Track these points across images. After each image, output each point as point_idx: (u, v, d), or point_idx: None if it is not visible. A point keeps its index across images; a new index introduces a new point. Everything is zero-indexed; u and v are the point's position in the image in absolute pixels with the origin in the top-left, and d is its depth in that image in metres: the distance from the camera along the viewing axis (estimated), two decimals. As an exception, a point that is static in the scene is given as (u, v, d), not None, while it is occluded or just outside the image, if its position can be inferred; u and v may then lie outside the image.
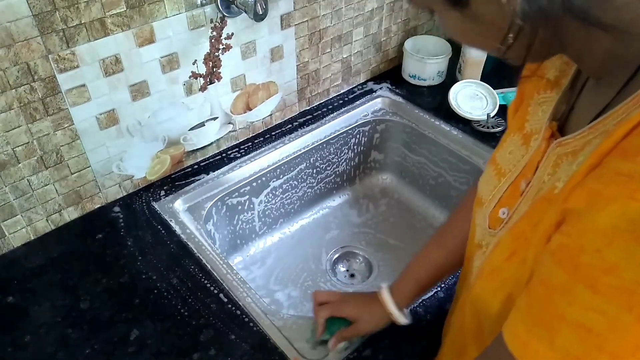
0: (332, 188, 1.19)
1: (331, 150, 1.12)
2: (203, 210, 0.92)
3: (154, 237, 0.86)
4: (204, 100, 0.94)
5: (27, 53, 0.71)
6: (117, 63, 0.80)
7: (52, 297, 0.77)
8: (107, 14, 0.75)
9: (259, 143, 1.05)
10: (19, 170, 0.79)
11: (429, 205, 1.17)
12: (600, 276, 0.33)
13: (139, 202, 0.92)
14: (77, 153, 0.83)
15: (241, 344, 0.71)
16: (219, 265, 0.82)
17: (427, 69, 1.18)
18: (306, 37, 1.03)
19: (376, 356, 0.70)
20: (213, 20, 0.87)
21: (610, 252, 0.33)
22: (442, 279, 0.73)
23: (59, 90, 0.76)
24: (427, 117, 1.12)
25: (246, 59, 0.96)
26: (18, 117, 0.75)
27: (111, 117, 0.84)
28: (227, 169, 0.99)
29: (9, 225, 0.82)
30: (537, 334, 0.37)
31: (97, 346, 0.71)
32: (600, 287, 0.33)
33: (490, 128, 1.07)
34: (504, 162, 0.54)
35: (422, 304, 0.77)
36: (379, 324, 0.70)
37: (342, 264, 1.09)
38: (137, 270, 0.81)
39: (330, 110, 1.14)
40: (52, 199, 0.85)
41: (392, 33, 1.21)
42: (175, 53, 0.85)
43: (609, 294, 0.33)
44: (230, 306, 0.76)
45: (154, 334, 0.73)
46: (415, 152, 1.16)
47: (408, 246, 1.10)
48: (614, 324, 0.33)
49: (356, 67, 1.18)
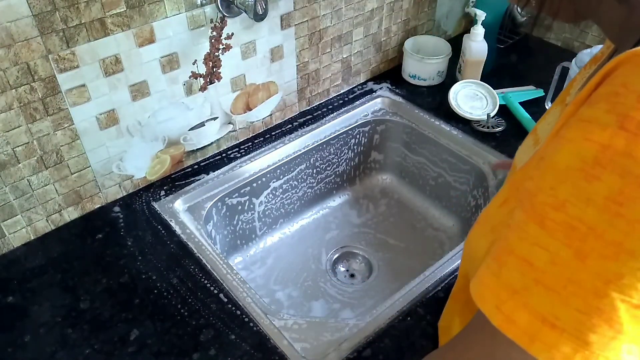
0: (332, 188, 1.19)
1: (331, 150, 1.12)
2: (203, 210, 0.92)
3: (154, 237, 0.86)
4: (204, 100, 0.94)
5: (27, 53, 0.71)
6: (117, 63, 0.80)
7: (52, 297, 0.77)
8: (107, 14, 0.75)
9: (259, 143, 1.05)
10: (19, 170, 0.79)
11: (429, 206, 1.17)
12: (550, 212, 0.35)
13: (139, 202, 0.92)
14: (77, 153, 0.83)
15: (241, 344, 0.71)
16: (219, 265, 0.82)
17: (427, 69, 1.19)
18: (306, 37, 1.03)
19: (376, 356, 0.70)
20: (213, 20, 0.87)
21: (562, 189, 0.34)
22: None
23: (59, 90, 0.76)
24: (427, 117, 1.12)
25: (246, 59, 0.96)
26: (18, 117, 0.75)
27: (111, 117, 0.84)
28: (227, 169, 0.99)
29: (9, 225, 0.82)
30: (491, 268, 0.38)
31: (97, 346, 0.71)
32: (548, 223, 0.34)
33: (490, 128, 1.07)
34: (542, 132, 0.55)
35: (422, 304, 0.77)
36: None
37: (342, 264, 1.09)
38: (137, 270, 0.81)
39: (330, 110, 1.14)
40: (52, 199, 0.85)
41: (392, 33, 1.21)
42: (175, 53, 0.85)
43: (554, 230, 0.34)
44: (230, 306, 0.76)
45: (154, 334, 0.73)
46: (415, 152, 1.16)
47: (408, 246, 1.10)
48: (553, 258, 0.34)
49: (356, 67, 1.18)
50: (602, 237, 0.32)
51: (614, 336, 0.33)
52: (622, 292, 0.32)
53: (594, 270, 0.33)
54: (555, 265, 0.34)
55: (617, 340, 0.33)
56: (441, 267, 0.82)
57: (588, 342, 0.33)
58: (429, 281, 0.80)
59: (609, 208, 0.32)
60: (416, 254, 1.08)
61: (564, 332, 0.33)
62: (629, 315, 0.33)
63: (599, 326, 0.33)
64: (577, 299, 0.33)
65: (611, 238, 0.32)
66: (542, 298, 0.34)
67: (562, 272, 0.34)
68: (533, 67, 1.27)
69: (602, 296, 0.33)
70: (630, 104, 0.32)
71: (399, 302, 0.77)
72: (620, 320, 0.33)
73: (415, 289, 0.79)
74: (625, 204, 0.32)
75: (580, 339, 0.33)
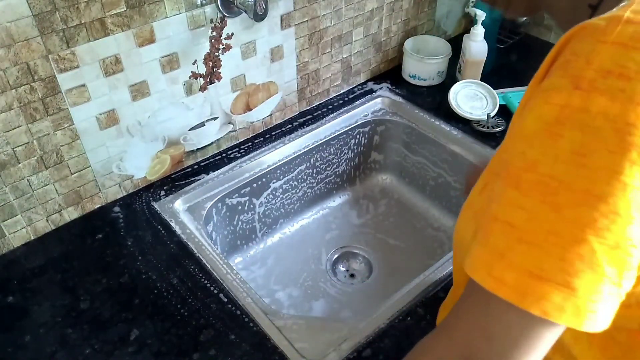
0: (332, 188, 1.19)
1: (331, 150, 1.12)
2: (203, 210, 0.92)
3: (154, 237, 0.86)
4: (204, 100, 0.94)
5: (27, 53, 0.71)
6: (117, 63, 0.80)
7: (52, 297, 0.77)
8: (107, 14, 0.75)
9: (259, 143, 1.05)
10: (19, 170, 0.79)
11: (428, 206, 1.17)
12: (523, 174, 0.37)
13: (139, 202, 0.92)
14: (77, 153, 0.83)
15: (241, 344, 0.71)
16: (219, 265, 0.82)
17: (427, 69, 1.18)
18: (306, 37, 1.03)
19: (376, 356, 0.70)
20: (213, 20, 0.87)
21: (531, 151, 0.37)
22: None
23: (59, 90, 0.76)
24: (427, 117, 1.12)
25: (246, 59, 0.96)
26: (18, 117, 0.75)
27: (111, 117, 0.84)
28: (227, 169, 0.99)
29: (9, 225, 0.82)
30: (479, 241, 0.39)
31: (97, 346, 0.71)
32: (522, 184, 0.37)
33: (490, 128, 1.07)
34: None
35: (422, 304, 0.77)
36: None
37: (342, 264, 1.09)
38: (137, 270, 0.81)
39: (330, 110, 1.14)
40: (52, 199, 0.85)
41: (392, 33, 1.21)
42: (175, 53, 0.85)
43: (528, 189, 0.37)
44: (230, 306, 0.76)
45: (154, 334, 0.73)
46: (415, 153, 1.16)
47: (408, 246, 1.10)
48: (531, 215, 0.36)
49: (356, 67, 1.18)
50: (571, 188, 0.35)
51: (596, 279, 0.35)
52: (598, 234, 0.34)
53: (570, 219, 0.35)
54: (534, 221, 0.36)
55: (600, 283, 0.35)
56: (441, 267, 0.82)
57: (575, 288, 0.35)
58: (429, 281, 0.80)
59: (574, 160, 0.35)
60: (416, 254, 1.08)
61: (551, 282, 0.35)
62: (607, 256, 0.35)
63: (582, 271, 0.35)
64: (558, 249, 0.35)
65: (580, 187, 0.35)
66: (526, 254, 0.36)
67: (541, 226, 0.36)
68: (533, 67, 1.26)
69: (581, 241, 0.35)
70: (580, 66, 0.36)
71: (399, 302, 0.77)
72: (599, 262, 0.35)
73: (415, 289, 0.79)
74: (588, 155, 0.35)
75: (567, 286, 0.35)
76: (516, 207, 0.37)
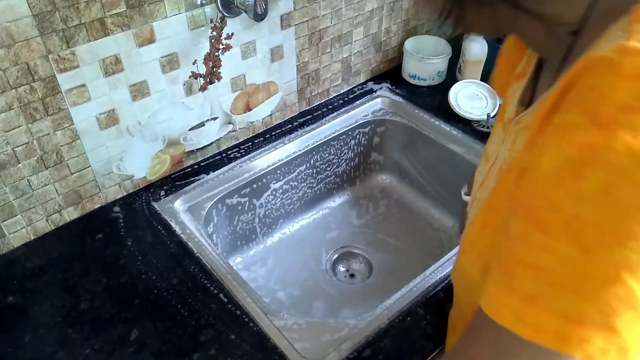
0: (332, 188, 1.19)
1: (331, 150, 1.12)
2: (203, 210, 0.92)
3: (154, 237, 0.86)
4: (204, 100, 0.94)
5: (27, 53, 0.71)
6: (117, 63, 0.80)
7: (52, 297, 0.77)
8: (107, 14, 0.75)
9: (259, 143, 1.05)
10: (19, 170, 0.79)
11: (428, 206, 1.17)
12: (546, 216, 0.36)
13: (139, 202, 0.92)
14: (77, 153, 0.83)
15: (241, 344, 0.71)
16: (219, 266, 0.82)
17: (427, 69, 1.19)
18: (306, 37, 1.03)
19: (376, 356, 0.70)
20: (213, 20, 0.87)
21: (554, 192, 0.36)
22: None
23: (59, 90, 0.76)
24: (427, 117, 1.12)
25: (246, 59, 0.96)
26: (18, 117, 0.75)
27: (111, 117, 0.84)
28: (227, 169, 0.99)
29: (9, 225, 0.82)
30: (502, 283, 0.39)
31: (97, 346, 0.71)
32: (547, 226, 0.36)
33: (490, 128, 1.07)
34: (491, 150, 0.59)
35: (422, 304, 0.77)
36: None
37: (342, 264, 1.09)
38: (137, 270, 0.81)
39: (330, 110, 1.14)
40: (52, 199, 0.85)
41: (392, 33, 1.21)
42: (175, 53, 0.85)
43: (553, 231, 0.35)
44: (230, 306, 0.76)
45: (154, 334, 0.73)
46: (415, 153, 1.16)
47: (408, 246, 1.10)
48: (559, 258, 0.35)
49: (356, 67, 1.18)
50: (600, 228, 0.34)
51: (637, 317, 0.34)
52: (633, 272, 0.33)
53: (602, 260, 0.34)
54: (565, 265, 0.35)
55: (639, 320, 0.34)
56: (441, 267, 0.82)
57: (616, 329, 0.34)
58: (429, 281, 0.80)
59: (600, 199, 0.34)
60: (416, 254, 1.08)
61: (593, 325, 0.34)
62: None
63: (622, 311, 0.34)
64: (594, 291, 0.34)
65: (608, 226, 0.34)
66: (561, 299, 0.35)
67: (573, 269, 0.35)
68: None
69: (616, 281, 0.34)
70: (598, 102, 0.35)
71: (399, 302, 0.77)
72: (638, 300, 0.34)
73: (415, 289, 0.79)
74: (614, 193, 0.34)
75: (608, 327, 0.34)
76: (543, 250, 0.36)
